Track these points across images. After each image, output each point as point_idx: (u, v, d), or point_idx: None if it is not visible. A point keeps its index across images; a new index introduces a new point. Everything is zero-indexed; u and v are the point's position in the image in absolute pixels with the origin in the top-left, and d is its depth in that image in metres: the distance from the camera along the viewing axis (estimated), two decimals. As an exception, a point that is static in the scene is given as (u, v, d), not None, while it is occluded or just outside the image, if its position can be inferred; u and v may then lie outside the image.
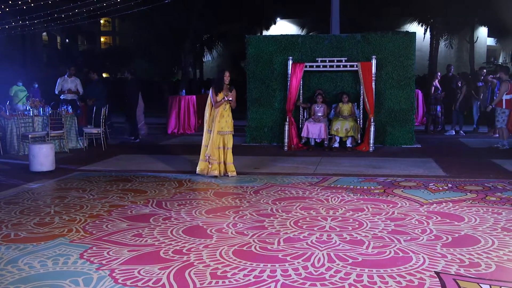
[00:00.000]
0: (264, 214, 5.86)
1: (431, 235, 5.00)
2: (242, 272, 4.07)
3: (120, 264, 4.27)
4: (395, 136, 11.77)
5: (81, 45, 48.27)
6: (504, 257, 4.38)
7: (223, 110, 8.05)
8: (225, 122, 8.06)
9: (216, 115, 8.02)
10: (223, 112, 8.05)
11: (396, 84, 11.67)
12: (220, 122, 8.02)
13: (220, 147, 8.08)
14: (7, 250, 4.62)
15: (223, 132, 8.06)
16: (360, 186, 7.37)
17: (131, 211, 6.02)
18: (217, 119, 7.99)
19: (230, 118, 8.12)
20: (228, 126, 8.09)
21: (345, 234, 5.06)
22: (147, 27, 25.18)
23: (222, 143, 8.10)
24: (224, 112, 8.06)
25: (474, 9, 24.74)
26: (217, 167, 8.07)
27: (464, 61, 32.81)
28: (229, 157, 8.17)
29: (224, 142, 8.11)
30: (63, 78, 12.96)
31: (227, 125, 8.08)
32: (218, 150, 8.06)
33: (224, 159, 8.13)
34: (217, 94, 8.06)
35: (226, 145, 8.13)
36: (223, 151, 8.12)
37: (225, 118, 8.06)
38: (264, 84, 12.21)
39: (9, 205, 6.34)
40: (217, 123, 7.99)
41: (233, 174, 8.16)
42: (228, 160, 8.16)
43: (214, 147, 8.02)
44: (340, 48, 11.87)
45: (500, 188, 7.12)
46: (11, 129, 10.61)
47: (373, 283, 3.83)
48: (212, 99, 8.08)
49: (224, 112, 8.06)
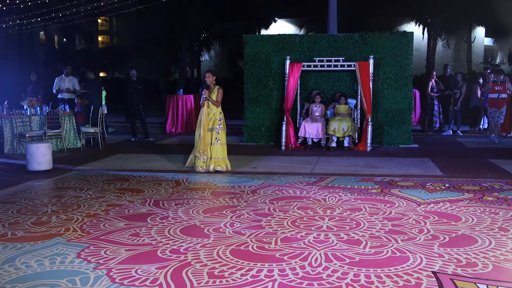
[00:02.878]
0: (262, 213, 5.86)
1: (428, 235, 5.00)
2: (239, 271, 4.07)
3: (117, 263, 4.27)
4: (393, 136, 11.79)
5: (78, 44, 48.20)
6: (501, 257, 4.38)
7: (207, 108, 8.54)
8: (210, 120, 8.54)
9: (202, 114, 8.56)
10: (207, 110, 8.54)
11: (393, 84, 11.69)
12: (206, 120, 8.51)
13: (209, 143, 8.55)
14: (4, 250, 4.61)
15: (210, 129, 8.54)
16: (358, 186, 7.37)
17: (128, 211, 6.02)
18: (204, 117, 8.50)
19: (215, 116, 8.56)
20: (213, 123, 8.54)
21: (342, 233, 5.06)
22: (145, 26, 25.12)
23: (210, 139, 8.56)
24: (209, 110, 8.55)
25: (471, 9, 24.76)
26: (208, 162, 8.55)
27: (462, 61, 32.84)
28: (217, 151, 8.59)
29: (212, 138, 8.57)
30: (60, 77, 12.94)
31: (212, 122, 8.54)
32: (209, 147, 8.56)
33: (213, 154, 8.58)
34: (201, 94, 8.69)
35: (214, 142, 8.58)
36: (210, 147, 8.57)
37: (210, 116, 8.55)
38: (261, 84, 12.21)
39: (6, 204, 6.33)
40: (205, 121, 8.51)
41: (223, 168, 8.58)
42: (216, 155, 8.58)
43: (206, 143, 8.50)
44: (337, 48, 11.88)
45: (497, 188, 7.13)
46: (9, 128, 10.58)
47: (370, 282, 3.83)
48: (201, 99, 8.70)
49: (208, 111, 8.55)
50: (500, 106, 11.98)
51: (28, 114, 10.87)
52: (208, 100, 8.53)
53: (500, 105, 11.98)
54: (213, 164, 8.55)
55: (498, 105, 11.98)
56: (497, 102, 11.97)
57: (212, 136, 8.55)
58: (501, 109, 11.99)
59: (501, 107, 11.98)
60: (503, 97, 11.98)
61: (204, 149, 8.48)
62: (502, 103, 12.01)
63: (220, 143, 8.57)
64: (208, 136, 8.52)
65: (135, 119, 13.25)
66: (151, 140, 13.09)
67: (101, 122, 11.78)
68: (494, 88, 12.04)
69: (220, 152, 8.60)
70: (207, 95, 8.51)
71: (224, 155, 8.65)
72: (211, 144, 8.55)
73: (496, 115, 12.00)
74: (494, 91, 12.01)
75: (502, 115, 12.14)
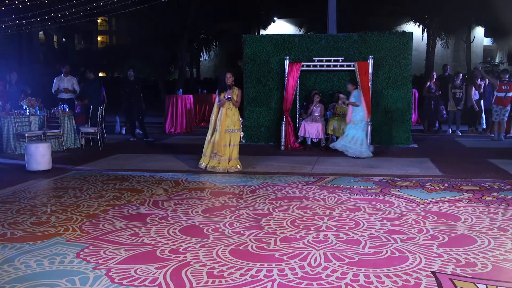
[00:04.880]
0: (261, 213, 5.86)
1: (427, 235, 5.01)
2: (238, 271, 4.07)
3: (117, 263, 4.27)
4: (392, 136, 11.79)
5: (78, 44, 48.17)
6: (501, 257, 4.39)
7: (228, 110, 8.52)
8: (231, 121, 8.52)
9: (221, 115, 8.51)
10: (228, 112, 8.51)
11: (392, 84, 11.69)
12: (226, 121, 8.48)
13: (226, 145, 8.53)
14: (3, 249, 4.61)
15: (230, 130, 8.51)
16: (357, 186, 7.38)
17: (127, 211, 6.02)
18: (223, 118, 8.46)
19: (235, 117, 8.60)
20: (234, 124, 8.55)
21: (341, 233, 5.07)
22: (144, 26, 25.11)
23: (229, 141, 8.55)
24: (229, 111, 8.53)
25: (470, 9, 24.75)
26: (225, 164, 8.56)
27: (461, 61, 32.81)
28: (234, 153, 8.66)
29: (230, 139, 8.56)
30: (59, 77, 12.92)
31: (233, 123, 8.54)
32: (224, 148, 8.52)
33: (230, 155, 8.59)
34: (220, 94, 8.60)
35: (233, 143, 8.60)
36: (229, 148, 8.56)
37: (230, 117, 8.53)
38: (261, 84, 12.21)
39: (6, 204, 6.32)
40: (223, 122, 8.46)
41: (237, 169, 8.62)
42: (233, 156, 8.63)
43: (222, 144, 8.49)
44: (337, 48, 11.88)
45: (497, 188, 7.13)
46: (8, 128, 10.58)
47: (369, 282, 3.83)
48: (217, 99, 8.66)
49: (229, 112, 8.53)
50: (506, 104, 12.57)
51: (28, 114, 10.86)
52: (230, 101, 8.50)
53: (506, 103, 12.58)
54: (231, 165, 8.58)
55: (504, 103, 12.56)
56: (503, 100, 12.56)
57: (231, 137, 8.57)
58: (506, 107, 12.58)
59: (506, 105, 12.60)
60: (509, 95, 12.56)
61: (218, 149, 8.47)
62: (508, 101, 12.60)
63: (237, 145, 8.68)
64: (227, 137, 8.52)
65: (133, 119, 13.25)
66: (150, 140, 13.09)
67: (100, 122, 11.77)
68: (501, 87, 12.61)
69: (237, 153, 8.71)
70: (231, 96, 8.50)
71: (237, 156, 8.76)
72: (229, 145, 8.55)
73: (501, 112, 12.57)
74: (501, 90, 12.60)
75: (507, 113, 12.69)
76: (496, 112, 12.64)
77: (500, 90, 12.59)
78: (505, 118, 12.66)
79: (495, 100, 12.70)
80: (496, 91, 12.72)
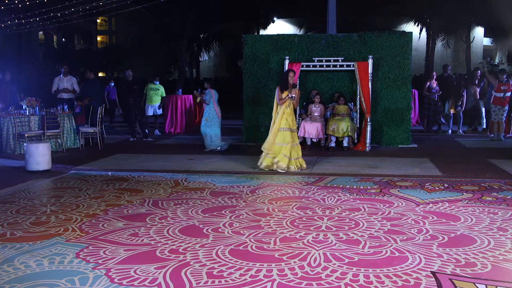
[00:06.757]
0: (260, 213, 5.86)
1: (427, 235, 5.01)
2: (238, 271, 4.06)
3: (116, 263, 4.26)
4: (392, 136, 11.79)
5: (77, 44, 48.17)
6: (500, 257, 4.39)
7: (287, 108, 8.55)
8: (292, 120, 8.60)
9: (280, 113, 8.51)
10: (287, 110, 8.54)
11: (392, 84, 11.69)
12: (283, 120, 8.51)
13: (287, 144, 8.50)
14: (3, 249, 4.61)
15: (293, 129, 8.59)
16: (357, 186, 7.38)
17: (127, 211, 6.02)
18: (284, 117, 8.49)
19: (293, 116, 8.68)
20: (293, 123, 8.63)
21: (341, 233, 5.06)
22: (144, 26, 25.14)
23: (291, 139, 8.56)
24: (289, 110, 8.57)
25: (470, 9, 24.78)
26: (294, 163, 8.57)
27: (461, 61, 32.85)
28: (299, 152, 8.73)
29: (293, 138, 8.61)
30: (59, 77, 12.90)
31: (293, 123, 8.66)
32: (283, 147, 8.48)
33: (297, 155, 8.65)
34: (282, 92, 8.60)
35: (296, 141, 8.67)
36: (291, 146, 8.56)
37: (291, 116, 8.56)
38: (260, 84, 12.20)
39: (5, 204, 6.32)
40: (281, 121, 8.49)
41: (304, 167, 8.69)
42: (297, 155, 8.69)
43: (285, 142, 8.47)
44: (336, 48, 11.87)
45: (496, 188, 7.13)
46: (7, 128, 10.57)
47: (369, 282, 3.83)
48: (277, 97, 8.62)
49: (288, 110, 8.56)
50: (504, 104, 12.67)
51: (27, 114, 10.85)
52: (293, 100, 8.52)
53: (505, 103, 12.68)
54: (293, 165, 8.54)
55: (502, 103, 12.66)
56: (502, 101, 12.66)
57: (293, 136, 8.58)
58: (504, 107, 12.67)
59: (505, 105, 12.69)
60: (508, 95, 12.68)
61: (269, 148, 8.51)
62: (506, 101, 12.72)
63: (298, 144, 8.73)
64: (289, 136, 8.50)
65: (132, 119, 13.24)
66: (150, 140, 13.09)
67: (100, 122, 11.77)
68: (500, 87, 12.70)
69: (300, 151, 8.75)
70: (294, 94, 8.52)
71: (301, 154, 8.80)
72: (292, 144, 8.55)
73: (500, 112, 12.66)
74: (499, 90, 12.69)
75: (505, 113, 12.75)
76: (494, 112, 12.71)
77: (499, 90, 12.66)
78: (503, 118, 12.69)
79: (494, 100, 12.78)
80: (494, 91, 12.78)
